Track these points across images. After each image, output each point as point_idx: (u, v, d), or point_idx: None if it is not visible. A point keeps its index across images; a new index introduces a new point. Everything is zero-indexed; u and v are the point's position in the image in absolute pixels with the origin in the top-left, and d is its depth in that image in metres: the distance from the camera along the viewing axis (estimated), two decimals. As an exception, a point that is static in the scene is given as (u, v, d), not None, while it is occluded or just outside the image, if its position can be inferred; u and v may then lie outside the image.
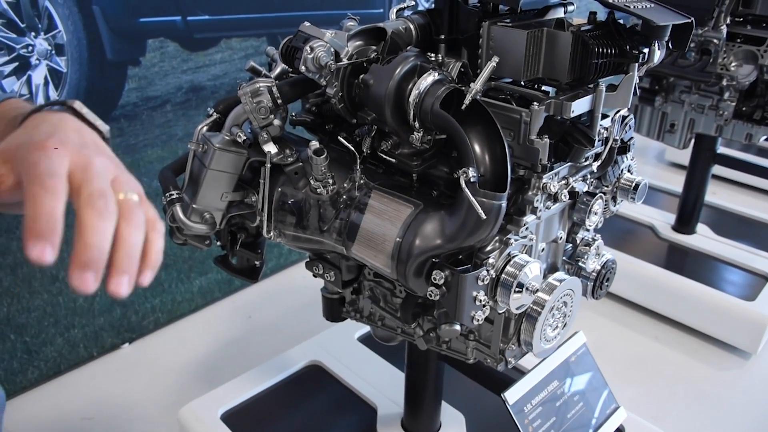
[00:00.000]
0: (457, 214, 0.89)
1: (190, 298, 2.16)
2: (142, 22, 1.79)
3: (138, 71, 1.82)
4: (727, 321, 2.03)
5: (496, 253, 0.94)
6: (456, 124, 0.88)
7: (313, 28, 0.96)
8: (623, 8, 0.92)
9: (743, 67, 1.93)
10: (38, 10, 1.60)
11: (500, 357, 1.09)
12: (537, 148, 0.93)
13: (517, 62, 0.93)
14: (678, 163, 3.33)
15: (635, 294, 2.23)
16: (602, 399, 1.45)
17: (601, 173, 1.12)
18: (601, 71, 0.94)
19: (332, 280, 1.15)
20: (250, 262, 1.24)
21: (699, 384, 1.94)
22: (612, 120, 1.04)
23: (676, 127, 2.21)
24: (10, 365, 1.78)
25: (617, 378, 1.68)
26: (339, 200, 1.02)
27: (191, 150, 1.08)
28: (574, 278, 1.07)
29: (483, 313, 0.95)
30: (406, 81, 0.91)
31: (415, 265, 0.93)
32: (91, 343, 1.94)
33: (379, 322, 1.23)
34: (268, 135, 1.01)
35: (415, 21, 1.03)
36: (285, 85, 1.01)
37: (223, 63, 2.01)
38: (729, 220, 2.60)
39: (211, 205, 1.08)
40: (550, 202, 1.01)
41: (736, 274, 2.22)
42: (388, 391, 1.57)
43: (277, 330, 2.13)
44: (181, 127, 1.97)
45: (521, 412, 1.27)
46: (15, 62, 1.60)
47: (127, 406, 1.81)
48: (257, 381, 1.62)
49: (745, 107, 2.04)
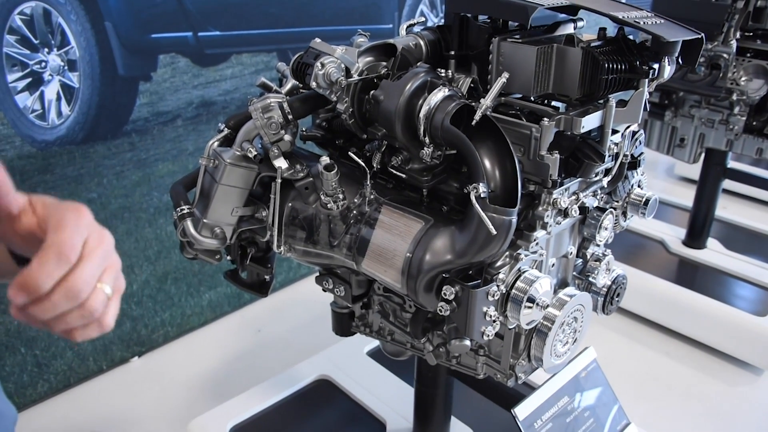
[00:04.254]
0: (468, 230, 0.89)
1: (199, 312, 2.16)
2: (153, 38, 1.81)
3: (149, 86, 1.84)
4: (738, 336, 2.02)
5: (507, 268, 0.94)
6: (466, 140, 0.88)
7: (323, 44, 0.96)
8: (633, 24, 0.92)
9: (753, 82, 1.93)
10: (51, 26, 1.62)
11: (510, 372, 1.09)
12: (547, 163, 0.94)
13: (527, 78, 0.93)
14: (688, 178, 3.32)
15: (646, 309, 2.22)
16: (613, 415, 1.44)
17: (612, 188, 1.12)
18: (611, 87, 0.94)
19: (342, 294, 1.15)
20: (260, 276, 1.24)
21: (710, 400, 1.92)
22: (622, 135, 1.04)
23: (686, 142, 2.20)
24: (20, 378, 1.78)
25: (628, 393, 1.66)
26: (349, 215, 1.02)
27: (202, 165, 1.09)
28: (585, 293, 1.06)
29: (493, 328, 0.95)
30: (416, 97, 0.92)
31: (426, 281, 0.93)
32: (101, 356, 1.95)
33: (388, 337, 1.23)
34: (279, 150, 1.02)
35: (425, 37, 1.03)
36: (296, 101, 1.01)
37: (233, 78, 2.02)
38: (740, 235, 2.59)
39: (221, 220, 1.09)
40: (561, 218, 1.01)
41: (747, 289, 2.20)
42: (397, 406, 1.56)
43: (287, 344, 2.12)
44: (191, 142, 1.98)
45: (531, 427, 1.26)
46: (28, 78, 1.62)
47: (136, 419, 1.81)
48: (266, 395, 1.61)
49: (755, 121, 2.03)
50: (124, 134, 1.82)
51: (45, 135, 1.68)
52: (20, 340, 1.76)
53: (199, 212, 1.09)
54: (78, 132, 1.73)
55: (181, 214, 1.09)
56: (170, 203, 1.11)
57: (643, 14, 0.97)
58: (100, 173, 1.80)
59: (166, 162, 1.93)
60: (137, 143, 1.85)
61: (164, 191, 1.94)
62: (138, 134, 1.85)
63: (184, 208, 1.09)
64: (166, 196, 1.95)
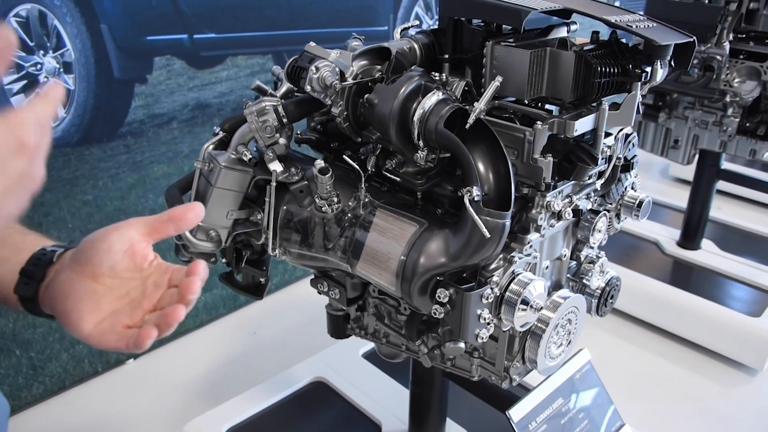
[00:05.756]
0: (462, 233, 0.89)
1: (194, 314, 2.16)
2: (149, 41, 1.81)
3: (145, 89, 1.84)
4: (732, 337, 2.03)
5: (501, 271, 0.95)
6: (460, 143, 0.88)
7: (318, 48, 0.97)
8: (626, 28, 0.93)
9: (746, 83, 1.94)
10: (47, 28, 1.62)
11: (505, 374, 1.09)
12: (541, 166, 0.94)
13: (520, 81, 0.94)
14: (682, 179, 3.33)
15: (640, 310, 2.23)
16: (607, 416, 1.44)
17: (605, 191, 1.12)
18: (604, 90, 0.95)
19: (337, 297, 1.16)
20: (255, 279, 1.24)
21: (705, 401, 1.93)
22: (615, 138, 1.05)
23: (680, 143, 2.21)
24: (15, 381, 1.78)
25: (622, 395, 1.67)
26: (344, 218, 1.03)
27: (197, 168, 1.09)
28: (579, 295, 1.07)
29: (487, 330, 0.95)
30: (410, 100, 0.92)
31: (420, 283, 0.93)
32: (96, 358, 1.95)
33: (383, 339, 1.23)
34: (274, 153, 1.02)
35: (419, 41, 1.04)
36: (290, 105, 1.02)
37: (228, 80, 2.02)
38: (734, 236, 2.60)
39: (216, 223, 1.09)
40: (554, 220, 1.01)
41: (741, 290, 2.21)
42: (392, 407, 1.57)
43: (282, 346, 2.12)
44: (187, 144, 1.98)
45: (526, 429, 1.26)
46: (24, 80, 1.62)
47: (131, 422, 1.81)
48: (262, 397, 1.62)
49: (748, 123, 2.04)
50: (120, 136, 1.82)
51: (40, 137, 1.68)
52: (15, 343, 1.75)
53: (194, 215, 1.09)
54: (73, 134, 1.73)
55: (176, 217, 1.09)
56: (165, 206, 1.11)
57: (636, 18, 0.98)
58: (96, 175, 1.80)
59: (161, 164, 1.93)
60: (132, 145, 1.85)
61: (159, 193, 1.94)
62: (133, 136, 1.85)
63: (179, 211, 1.09)
64: (161, 199, 1.95)
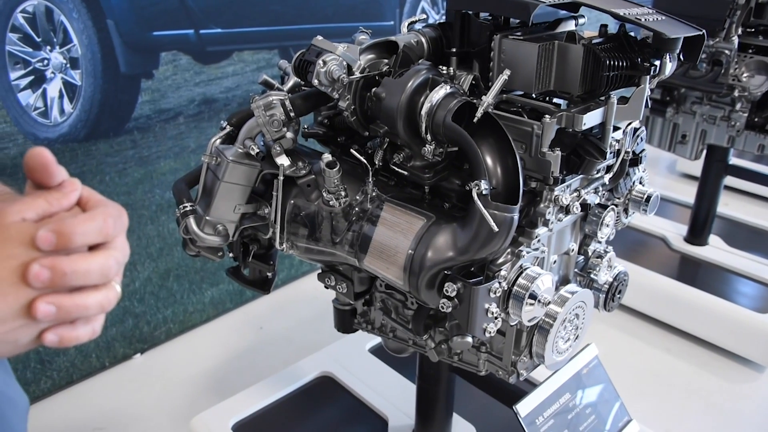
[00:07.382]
0: (470, 227, 0.89)
1: (201, 309, 2.17)
2: (155, 36, 1.81)
3: (151, 84, 1.84)
4: (739, 333, 2.02)
5: (508, 265, 0.95)
6: (468, 137, 0.88)
7: (325, 41, 0.96)
8: (634, 21, 0.93)
9: (755, 78, 1.93)
10: (54, 24, 1.62)
11: (512, 369, 1.09)
12: (549, 160, 0.94)
13: (528, 75, 0.94)
14: (690, 174, 3.32)
15: (647, 306, 2.22)
16: (614, 411, 1.44)
17: (613, 185, 1.12)
18: (612, 84, 0.94)
19: (344, 291, 1.16)
20: (262, 273, 1.24)
21: (711, 396, 1.93)
22: (624, 132, 1.04)
23: (688, 138, 2.20)
24: (23, 375, 1.79)
25: (629, 390, 1.67)
26: (351, 212, 1.03)
27: (205, 162, 1.09)
28: (586, 290, 1.07)
29: (495, 325, 0.95)
30: (418, 94, 0.92)
31: (428, 278, 0.93)
32: (104, 353, 1.95)
33: (390, 334, 1.23)
34: (281, 148, 1.02)
35: (426, 34, 1.03)
36: (298, 99, 1.02)
37: (235, 75, 2.02)
38: (741, 232, 2.59)
39: (224, 217, 1.09)
40: (562, 215, 1.01)
41: (748, 286, 2.20)
42: (399, 402, 1.57)
43: (289, 341, 2.13)
44: (193, 139, 1.98)
45: (533, 424, 1.26)
46: (31, 76, 1.62)
47: (138, 416, 1.82)
48: (268, 392, 1.62)
49: (757, 118, 2.03)
50: (126, 132, 1.82)
51: (47, 132, 1.68)
52: (23, 337, 1.76)
53: (201, 209, 1.10)
54: (80, 129, 1.73)
55: (183, 211, 1.09)
56: (172, 200, 1.11)
57: (645, 11, 0.97)
58: (103, 171, 1.80)
59: (168, 159, 1.94)
60: (139, 140, 1.86)
61: (166, 188, 1.94)
62: (140, 131, 1.85)
63: (186, 205, 1.09)
64: (168, 194, 1.95)
